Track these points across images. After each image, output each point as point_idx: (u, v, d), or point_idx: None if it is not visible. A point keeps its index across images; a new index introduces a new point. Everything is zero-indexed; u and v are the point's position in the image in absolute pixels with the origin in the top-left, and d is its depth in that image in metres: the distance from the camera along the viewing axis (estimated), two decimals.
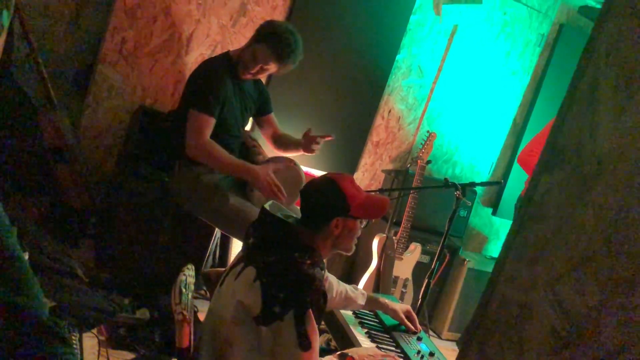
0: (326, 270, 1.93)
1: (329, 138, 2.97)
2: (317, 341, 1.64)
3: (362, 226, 1.86)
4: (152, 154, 3.07)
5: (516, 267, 0.77)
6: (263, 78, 3.13)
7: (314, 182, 1.85)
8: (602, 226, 0.67)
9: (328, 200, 1.77)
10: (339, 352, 1.87)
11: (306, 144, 2.96)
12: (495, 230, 4.62)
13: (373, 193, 3.02)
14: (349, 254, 1.87)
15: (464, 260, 3.97)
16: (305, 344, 1.60)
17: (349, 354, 1.85)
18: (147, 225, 2.95)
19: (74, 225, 3.16)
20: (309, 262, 1.68)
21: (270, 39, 2.73)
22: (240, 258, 1.80)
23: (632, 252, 0.64)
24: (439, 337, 3.91)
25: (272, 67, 2.78)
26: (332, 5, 3.66)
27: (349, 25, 3.73)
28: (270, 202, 1.84)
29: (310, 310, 1.61)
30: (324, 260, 1.80)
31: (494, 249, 4.63)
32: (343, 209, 1.75)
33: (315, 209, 1.79)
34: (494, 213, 4.49)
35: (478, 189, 4.16)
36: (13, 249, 1.62)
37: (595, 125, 0.72)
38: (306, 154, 3.01)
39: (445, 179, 2.76)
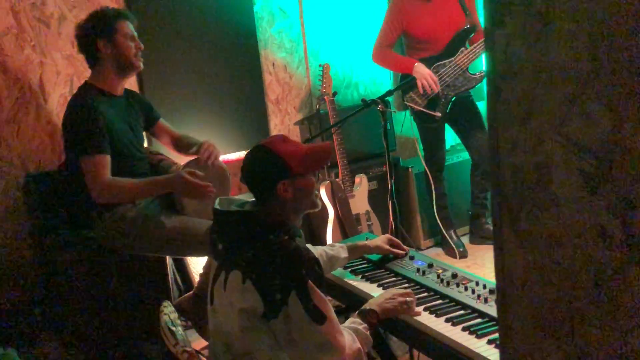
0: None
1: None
2: (331, 310, 1.61)
3: (316, 179, 1.82)
4: (64, 217, 2.87)
5: (511, 133, 0.75)
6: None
7: (247, 156, 1.76)
8: (583, 52, 0.65)
9: (265, 168, 1.70)
10: (357, 312, 1.85)
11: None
12: None
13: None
14: (317, 209, 1.83)
15: (408, 168, 4.04)
16: (318, 317, 1.57)
17: (368, 308, 1.84)
18: (96, 288, 2.77)
19: (20, 326, 2.95)
20: (286, 237, 1.63)
21: (92, 23, 2.60)
22: (217, 268, 1.73)
23: (621, 61, 0.62)
24: (420, 249, 3.99)
25: (131, 30, 2.64)
26: None
27: (193, 0, 3.59)
28: (218, 201, 1.77)
29: (310, 282, 1.57)
30: (297, 227, 1.76)
31: None
32: (283, 171, 1.69)
33: (258, 182, 1.73)
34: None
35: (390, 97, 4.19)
36: None
37: None
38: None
39: (363, 99, 2.74)
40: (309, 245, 2.09)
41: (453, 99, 3.61)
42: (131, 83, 3.31)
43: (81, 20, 2.66)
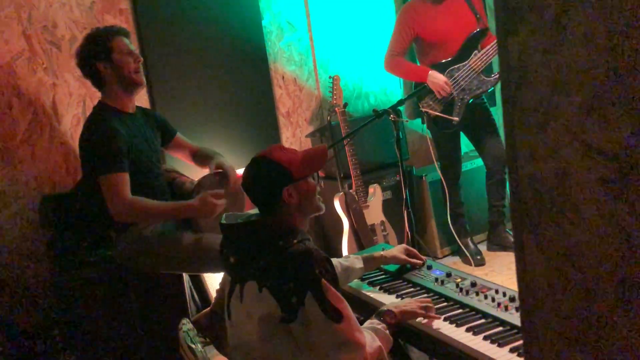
0: None
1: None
2: (347, 307, 1.62)
3: (316, 182, 1.83)
4: (82, 237, 2.88)
5: (528, 140, 0.74)
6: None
7: (247, 169, 1.80)
8: (600, 56, 0.64)
9: (267, 177, 1.73)
10: (374, 314, 1.85)
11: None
12: None
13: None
14: (322, 212, 1.84)
15: (421, 177, 4.02)
16: (335, 315, 1.58)
17: (386, 309, 1.84)
18: (114, 308, 2.78)
19: (39, 347, 2.96)
20: (295, 241, 1.65)
21: (88, 47, 2.60)
22: (232, 282, 1.74)
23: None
24: (436, 258, 3.97)
25: (127, 45, 2.63)
26: (175, 8, 3.52)
27: (201, 16, 3.61)
28: (223, 217, 1.78)
29: (324, 280, 1.57)
30: (305, 232, 1.77)
31: None
32: (285, 177, 1.72)
33: (262, 192, 1.75)
34: (424, 122, 4.54)
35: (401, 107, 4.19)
36: None
37: None
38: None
39: (374, 110, 2.74)
40: None
41: (470, 102, 3.59)
42: (142, 100, 3.34)
43: (77, 47, 2.66)
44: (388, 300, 2.07)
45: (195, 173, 3.01)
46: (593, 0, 0.63)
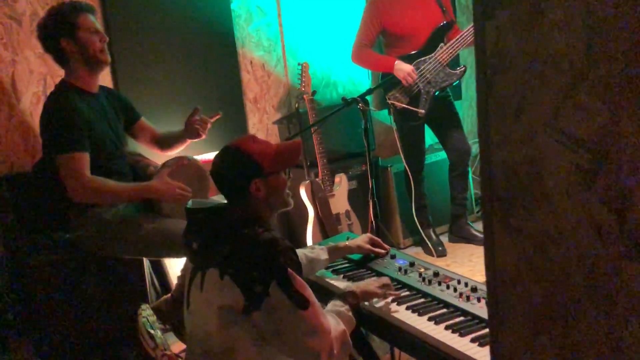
0: None
1: (217, 116, 2.85)
2: (312, 294, 1.62)
3: (287, 177, 1.80)
4: (39, 219, 2.80)
5: (502, 127, 0.73)
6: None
7: (218, 157, 1.76)
8: (578, 43, 0.63)
9: (237, 168, 1.70)
10: (336, 295, 1.85)
11: (190, 130, 2.83)
12: None
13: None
14: (290, 207, 1.82)
15: (387, 168, 4.03)
16: (301, 302, 1.57)
17: (348, 290, 1.85)
18: (72, 292, 2.71)
19: None
20: (260, 230, 1.63)
21: (51, 22, 2.50)
22: (193, 269, 1.70)
23: (617, 52, 0.61)
24: (399, 248, 3.99)
25: (93, 22, 2.54)
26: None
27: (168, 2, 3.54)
28: (190, 202, 1.75)
29: (289, 270, 1.56)
30: (271, 224, 1.75)
31: None
32: (256, 170, 1.69)
33: (230, 183, 1.72)
34: (390, 113, 4.54)
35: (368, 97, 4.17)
36: None
37: None
38: (194, 140, 2.87)
39: (343, 98, 2.73)
40: None
41: (436, 94, 3.61)
42: (106, 81, 3.25)
43: (40, 20, 2.55)
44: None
45: (160, 159, 2.95)
46: None
